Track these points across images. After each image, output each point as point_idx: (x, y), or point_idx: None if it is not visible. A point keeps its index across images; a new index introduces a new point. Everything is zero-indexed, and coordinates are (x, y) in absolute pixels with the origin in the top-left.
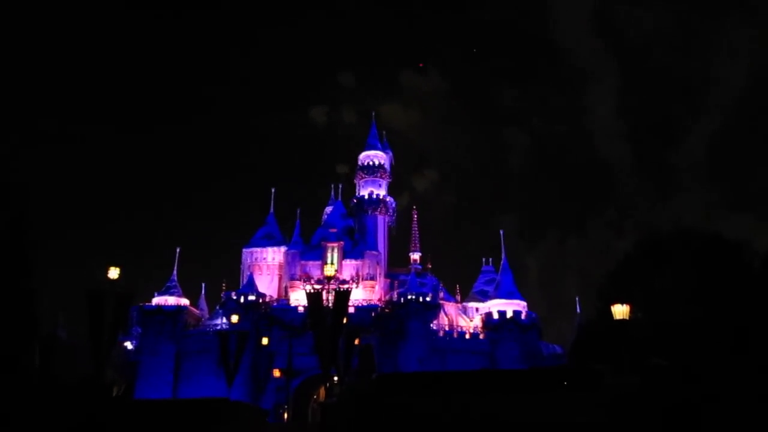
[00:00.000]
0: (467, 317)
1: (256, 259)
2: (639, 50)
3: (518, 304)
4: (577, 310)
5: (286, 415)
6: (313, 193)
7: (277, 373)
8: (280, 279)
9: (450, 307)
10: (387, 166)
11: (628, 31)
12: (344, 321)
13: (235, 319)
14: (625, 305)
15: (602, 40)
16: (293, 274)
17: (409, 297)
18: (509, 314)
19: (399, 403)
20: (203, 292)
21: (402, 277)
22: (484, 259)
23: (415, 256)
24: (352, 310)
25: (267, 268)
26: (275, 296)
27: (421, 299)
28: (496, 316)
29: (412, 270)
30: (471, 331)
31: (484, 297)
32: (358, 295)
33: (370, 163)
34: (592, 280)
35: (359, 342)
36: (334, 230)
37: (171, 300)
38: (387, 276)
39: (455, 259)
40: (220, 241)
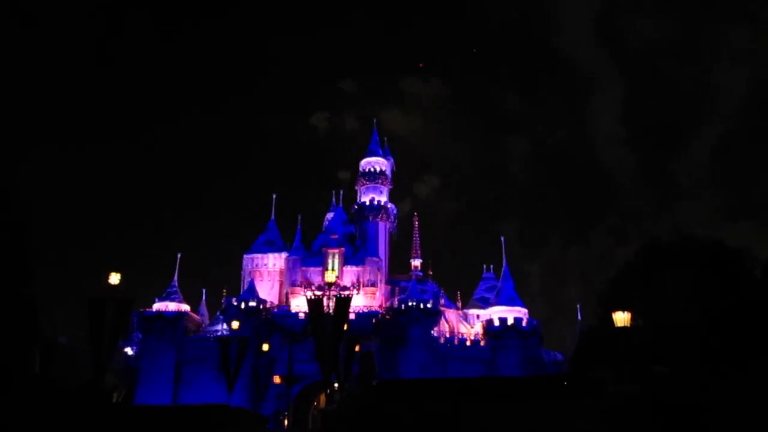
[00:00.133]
0: (468, 324)
1: (256, 265)
2: (641, 58)
3: (519, 311)
4: (578, 317)
5: (286, 422)
6: (314, 199)
7: (277, 380)
8: (281, 285)
9: (451, 314)
10: (388, 173)
11: (631, 38)
12: (345, 327)
13: (235, 325)
14: (626, 312)
15: (604, 48)
16: (294, 281)
17: (410, 303)
18: (510, 321)
19: (399, 410)
20: (204, 298)
21: (403, 284)
22: (485, 266)
23: (416, 263)
24: (352, 317)
25: (268, 274)
26: (276, 302)
27: (422, 306)
28: (497, 323)
29: (413, 276)
30: (472, 338)
31: (485, 304)
32: (359, 302)
33: (371, 170)
34: (594, 287)
35: (360, 348)
36: (335, 236)
37: (171, 306)
38: (388, 282)
39: (456, 265)
40: (220, 247)
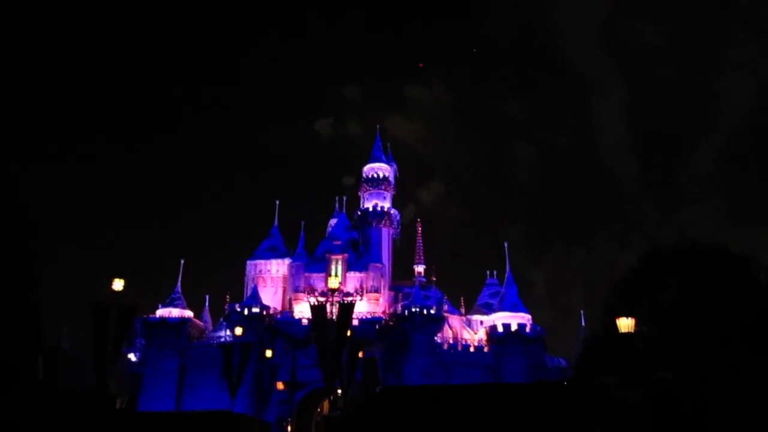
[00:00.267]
0: (471, 330)
1: (260, 272)
2: (646, 64)
3: (523, 317)
4: (582, 323)
5: (289, 428)
6: (318, 205)
7: (280, 386)
8: (284, 291)
9: (454, 320)
10: (391, 179)
11: (635, 45)
12: (348, 333)
13: (238, 331)
14: (630, 318)
15: (609, 54)
16: (297, 287)
17: (414, 310)
18: (514, 327)
19: (403, 416)
20: (207, 304)
21: (406, 290)
22: (488, 272)
23: (420, 269)
24: (356, 323)
25: (271, 281)
26: (279, 308)
27: (426, 312)
28: (500, 329)
29: (417, 282)
30: (475, 344)
31: (488, 310)
32: (362, 308)
33: (375, 176)
34: (598, 293)
35: (363, 355)
36: (339, 242)
37: (175, 312)
38: (391, 288)
39: (460, 271)
40: (224, 253)
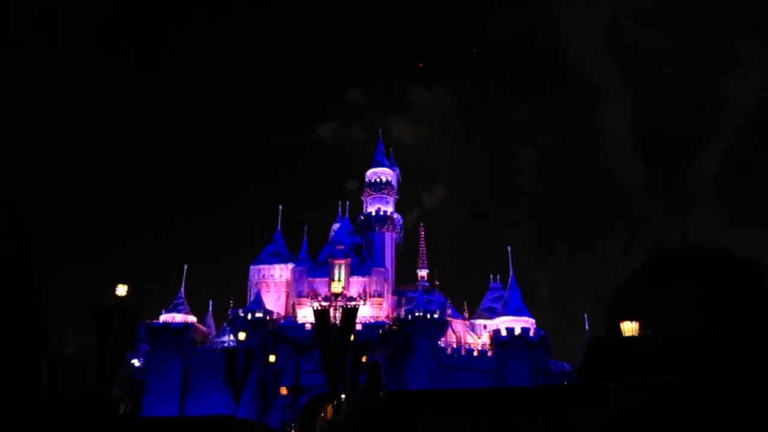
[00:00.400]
0: (475, 334)
1: (263, 276)
2: (650, 67)
3: (526, 321)
4: (586, 327)
5: None
6: (321, 210)
7: (284, 391)
8: (288, 296)
9: (458, 324)
10: (394, 183)
11: (639, 48)
12: (352, 338)
13: (242, 336)
14: (634, 322)
15: (613, 57)
16: (300, 291)
17: (417, 314)
18: (517, 331)
19: (407, 421)
20: (210, 309)
21: (409, 294)
22: (492, 276)
23: (423, 273)
24: (359, 328)
25: (274, 285)
26: (282, 313)
27: (429, 316)
28: (504, 333)
29: (420, 287)
30: (479, 349)
31: (492, 314)
32: (366, 312)
33: (377, 180)
34: (602, 297)
35: (367, 359)
36: (342, 247)
37: (178, 317)
38: (394, 293)
39: (463, 275)
40: (227, 259)
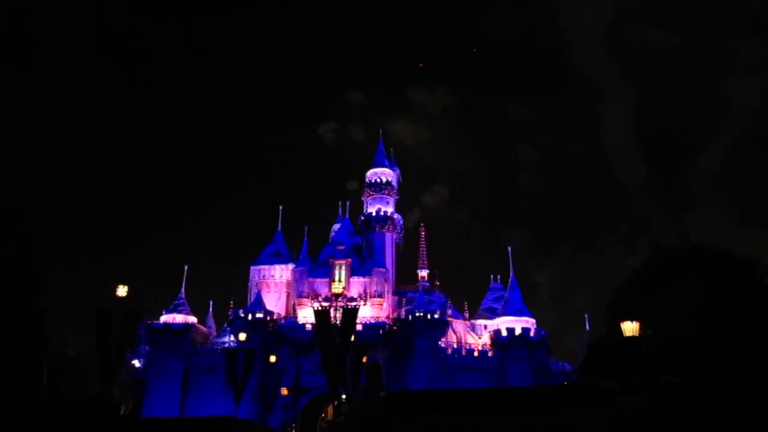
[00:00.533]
0: (475, 335)
1: (263, 277)
2: (652, 67)
3: (527, 321)
4: (587, 327)
5: None
6: (321, 210)
7: (284, 391)
8: (288, 296)
9: (458, 325)
10: (394, 183)
11: (641, 48)
12: (352, 339)
13: (242, 336)
14: (634, 322)
15: (614, 57)
16: (301, 292)
17: (417, 314)
18: (518, 331)
19: (407, 421)
20: (211, 310)
21: (410, 295)
22: (492, 276)
23: (423, 273)
24: (359, 328)
25: (275, 286)
26: (283, 314)
27: (429, 316)
28: (504, 334)
29: (420, 287)
30: (479, 349)
31: (492, 314)
32: (366, 313)
33: (378, 181)
34: (603, 297)
35: (367, 360)
36: (342, 247)
37: (179, 318)
38: (395, 293)
39: (464, 276)
40: (227, 259)
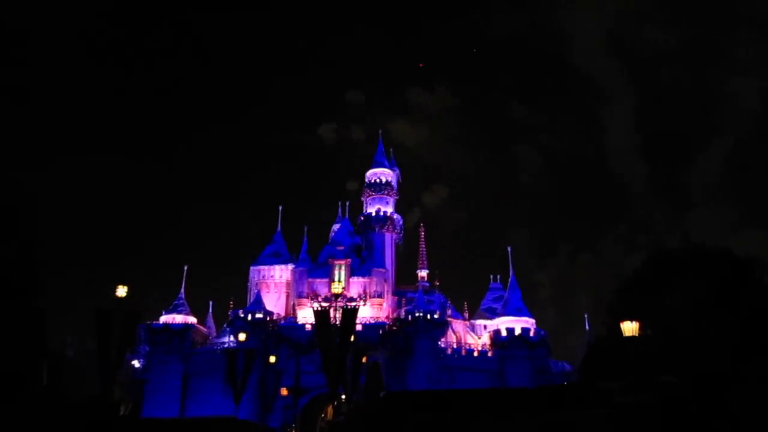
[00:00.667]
0: (475, 335)
1: (263, 277)
2: (653, 67)
3: (527, 321)
4: (586, 327)
5: None
6: (321, 210)
7: (284, 392)
8: (288, 297)
9: (458, 325)
10: (394, 184)
11: (642, 48)
12: (352, 339)
13: (242, 337)
14: (634, 322)
15: (616, 57)
16: (301, 292)
17: (417, 314)
18: (517, 331)
19: (407, 421)
20: (210, 310)
21: (410, 295)
22: (492, 276)
23: (423, 274)
24: (359, 328)
25: (274, 286)
26: (282, 314)
27: (429, 317)
28: (504, 334)
29: (420, 287)
30: (479, 349)
31: (492, 314)
32: (366, 313)
33: (377, 181)
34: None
35: (367, 360)
36: (342, 248)
37: (178, 318)
38: (394, 293)
39: (464, 276)
40: (227, 259)
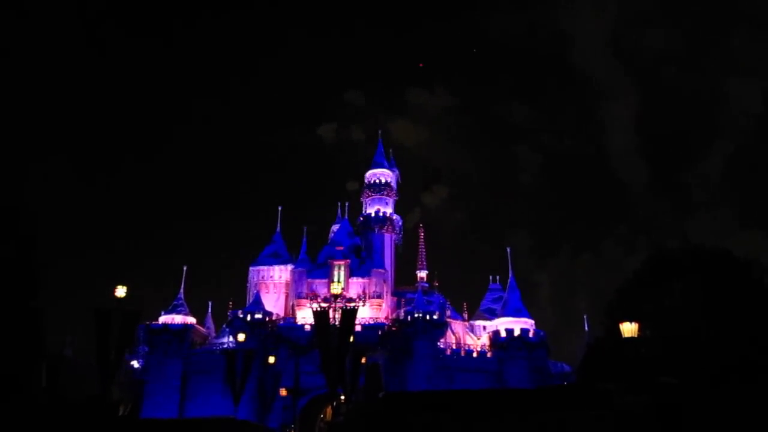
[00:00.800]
0: (474, 335)
1: (262, 278)
2: (654, 68)
3: (526, 322)
4: (586, 328)
5: None
6: (320, 211)
7: (283, 392)
8: (287, 297)
9: (457, 326)
10: (393, 184)
11: (643, 49)
12: (351, 339)
13: (241, 337)
14: (633, 323)
15: (617, 58)
16: (300, 293)
17: (416, 315)
18: (517, 332)
19: (406, 422)
20: (210, 311)
21: (409, 295)
22: (491, 277)
23: (422, 274)
24: (358, 329)
25: (274, 287)
26: (282, 314)
27: (428, 317)
28: (503, 335)
29: (419, 288)
30: (478, 350)
31: (491, 315)
32: (365, 314)
33: (377, 181)
34: (603, 298)
35: (366, 360)
36: (341, 248)
37: (178, 318)
38: (394, 294)
39: (463, 276)
40: (226, 260)
